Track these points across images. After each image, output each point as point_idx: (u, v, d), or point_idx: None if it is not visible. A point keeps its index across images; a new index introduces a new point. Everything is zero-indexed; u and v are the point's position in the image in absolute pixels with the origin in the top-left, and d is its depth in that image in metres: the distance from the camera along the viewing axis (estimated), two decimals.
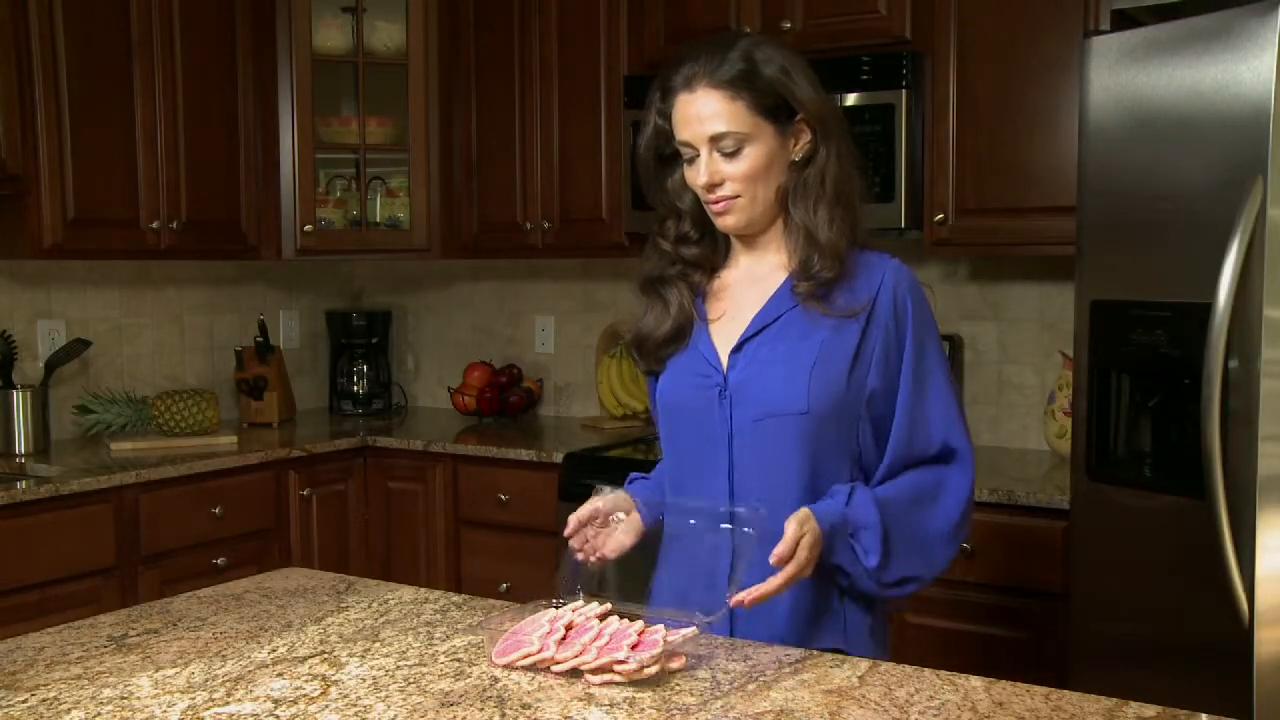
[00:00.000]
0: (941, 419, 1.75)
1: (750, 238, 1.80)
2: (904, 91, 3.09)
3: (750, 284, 1.81)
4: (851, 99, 3.14)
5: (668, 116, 1.75)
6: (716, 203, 1.74)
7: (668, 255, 1.84)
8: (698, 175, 1.73)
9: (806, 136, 1.74)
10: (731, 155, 1.71)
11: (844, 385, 1.71)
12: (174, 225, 3.53)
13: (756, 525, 1.62)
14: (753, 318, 1.77)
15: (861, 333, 1.72)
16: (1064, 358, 3.10)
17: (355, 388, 4.32)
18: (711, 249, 1.84)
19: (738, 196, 1.73)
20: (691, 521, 1.73)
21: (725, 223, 1.77)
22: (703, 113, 1.70)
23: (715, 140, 1.70)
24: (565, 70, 3.73)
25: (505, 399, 4.08)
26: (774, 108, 1.71)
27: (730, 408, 1.75)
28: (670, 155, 1.80)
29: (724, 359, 1.77)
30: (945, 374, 1.77)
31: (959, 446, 1.76)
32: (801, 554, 1.60)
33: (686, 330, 1.81)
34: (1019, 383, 3.40)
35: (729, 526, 1.68)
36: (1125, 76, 2.32)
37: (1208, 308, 2.10)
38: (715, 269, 1.85)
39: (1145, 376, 2.38)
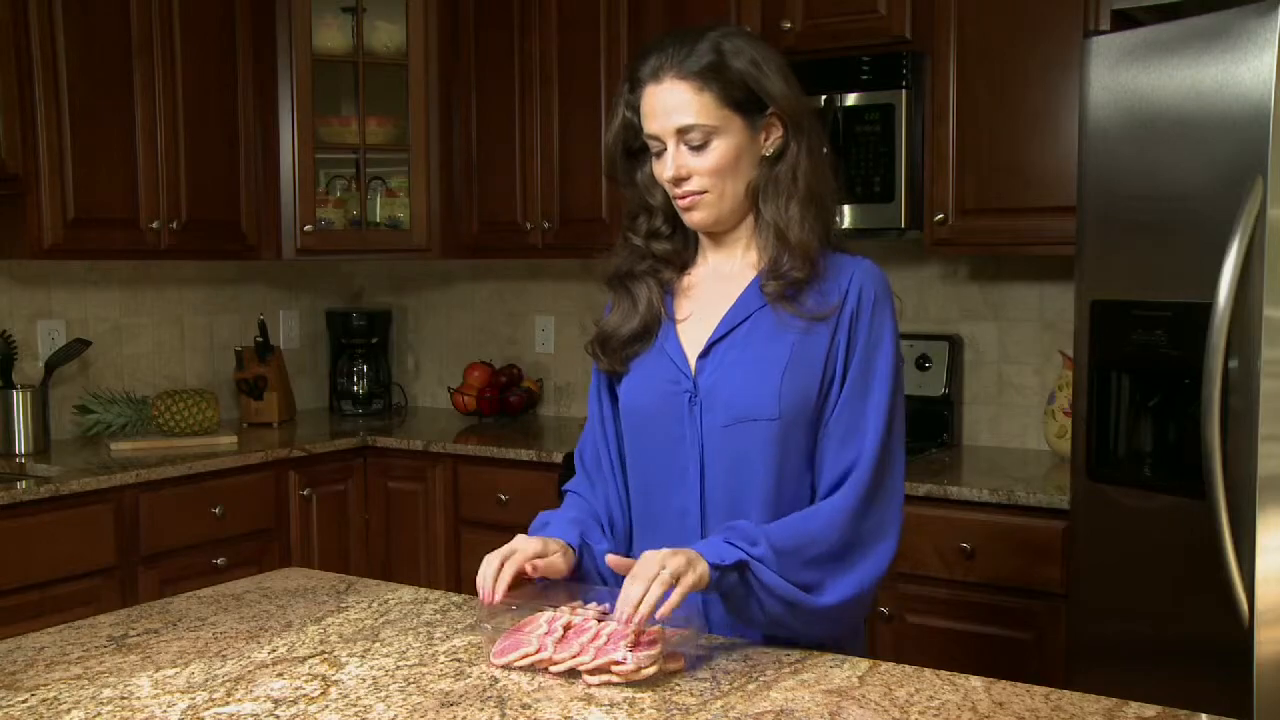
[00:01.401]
0: (873, 437, 1.66)
1: (719, 235, 1.76)
2: (904, 91, 3.09)
3: (718, 282, 1.76)
4: (851, 99, 3.14)
5: (635, 109, 1.70)
6: (683, 198, 1.69)
7: (638, 250, 1.80)
8: (664, 169, 1.68)
9: (778, 131, 1.69)
10: (698, 149, 1.66)
11: (814, 391, 1.66)
12: (174, 225, 3.53)
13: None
14: (721, 319, 1.73)
15: (830, 336, 1.67)
16: (1064, 358, 3.10)
17: (355, 388, 4.32)
18: (683, 244, 1.80)
19: (705, 192, 1.68)
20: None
21: (692, 219, 1.72)
22: (669, 104, 1.65)
23: (682, 133, 1.65)
24: (565, 70, 3.73)
25: (505, 399, 4.08)
26: (743, 100, 1.66)
27: (700, 414, 1.70)
28: (639, 149, 1.75)
29: (692, 363, 1.73)
30: (889, 393, 1.67)
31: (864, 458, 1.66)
32: (649, 568, 1.50)
33: (653, 329, 1.77)
34: (1019, 383, 3.40)
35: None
36: (1125, 76, 2.32)
37: (1208, 308, 2.10)
38: (686, 266, 1.80)
39: (1145, 376, 2.38)
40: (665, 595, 1.49)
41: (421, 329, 4.54)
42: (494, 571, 1.62)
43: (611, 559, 1.58)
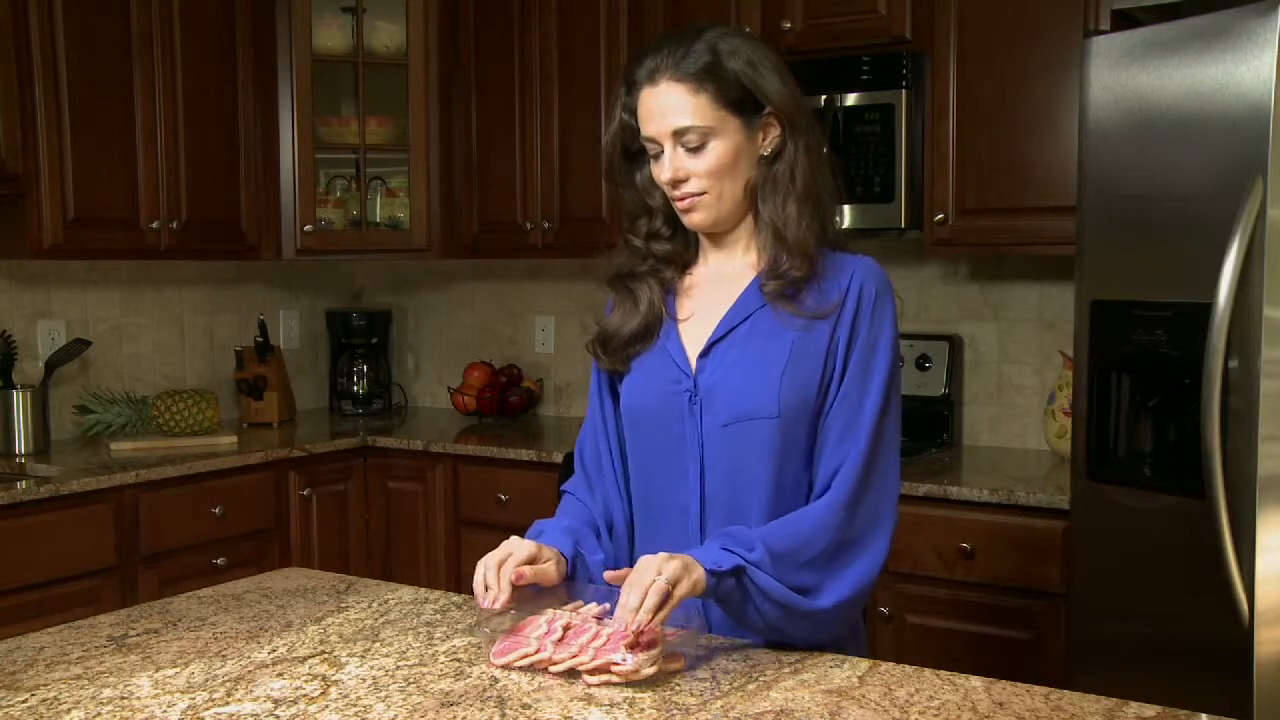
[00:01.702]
0: (866, 435, 1.65)
1: (719, 235, 1.76)
2: (904, 91, 3.09)
3: (719, 283, 1.76)
4: (851, 99, 3.14)
5: (633, 111, 1.70)
6: (682, 199, 1.69)
7: (639, 251, 1.80)
8: (662, 171, 1.68)
9: (775, 131, 1.69)
10: (696, 150, 1.66)
11: (814, 389, 1.66)
12: (174, 225, 3.53)
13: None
14: (721, 319, 1.73)
15: (830, 333, 1.67)
16: (1064, 358, 3.10)
17: (355, 388, 4.32)
18: (684, 245, 1.80)
19: (703, 193, 1.68)
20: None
21: (691, 220, 1.72)
22: (665, 106, 1.65)
23: (679, 135, 1.65)
24: (565, 70, 3.73)
25: (505, 399, 4.08)
26: (740, 101, 1.66)
27: (700, 413, 1.70)
28: (637, 151, 1.75)
29: (693, 362, 1.73)
30: (885, 389, 1.67)
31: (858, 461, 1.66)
32: (646, 575, 1.50)
33: (654, 329, 1.77)
34: (1019, 383, 3.40)
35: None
36: (1125, 76, 2.32)
37: (1208, 308, 2.10)
38: (687, 266, 1.81)
39: (1145, 376, 2.38)
40: (663, 601, 1.49)
41: (421, 329, 4.54)
42: (494, 578, 1.62)
43: (609, 575, 1.58)
